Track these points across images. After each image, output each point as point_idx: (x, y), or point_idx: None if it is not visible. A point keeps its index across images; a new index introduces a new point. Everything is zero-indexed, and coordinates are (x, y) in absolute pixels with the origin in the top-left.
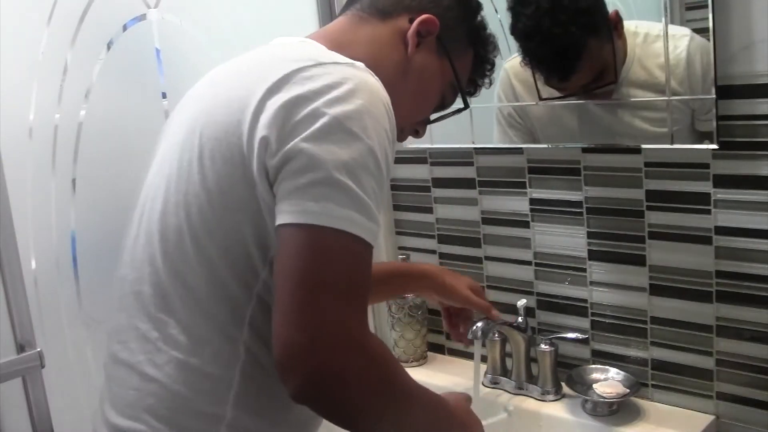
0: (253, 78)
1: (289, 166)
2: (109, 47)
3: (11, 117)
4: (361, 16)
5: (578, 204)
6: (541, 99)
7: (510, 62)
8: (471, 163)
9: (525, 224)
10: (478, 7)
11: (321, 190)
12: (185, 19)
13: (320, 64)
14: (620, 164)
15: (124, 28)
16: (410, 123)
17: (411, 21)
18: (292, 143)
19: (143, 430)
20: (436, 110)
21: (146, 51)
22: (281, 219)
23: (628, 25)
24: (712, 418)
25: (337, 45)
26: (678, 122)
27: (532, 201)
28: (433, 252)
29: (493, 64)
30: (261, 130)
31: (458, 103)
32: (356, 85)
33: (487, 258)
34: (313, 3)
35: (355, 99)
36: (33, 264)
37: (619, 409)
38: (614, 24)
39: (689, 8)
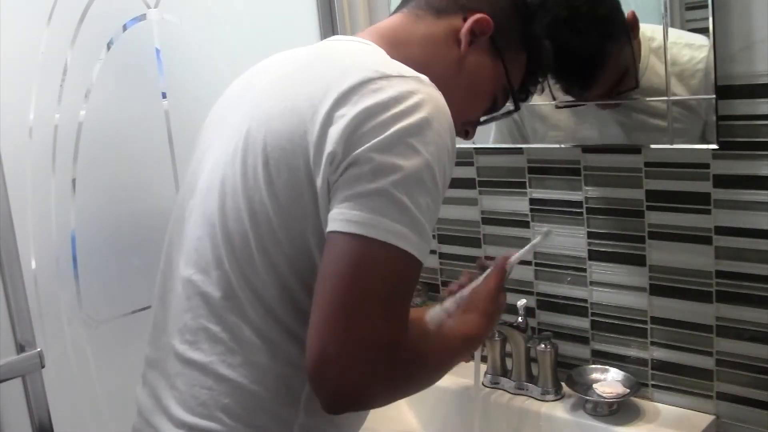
0: (318, 87)
1: (347, 174)
2: (109, 47)
3: (11, 117)
4: (417, 13)
5: (578, 204)
6: (558, 107)
7: None
8: (471, 163)
9: (525, 224)
10: (533, 11)
11: (375, 201)
12: (185, 19)
13: (386, 76)
14: (620, 164)
15: (124, 28)
16: (460, 122)
17: (465, 20)
18: (354, 153)
19: (219, 429)
20: (486, 112)
21: (146, 51)
22: (332, 225)
23: (644, 29)
24: (712, 418)
25: (392, 44)
26: (685, 132)
27: (532, 201)
28: (433, 252)
29: (546, 72)
30: (329, 145)
31: (507, 105)
32: (421, 99)
33: (487, 258)
34: (313, 3)
35: (419, 113)
36: (33, 264)
37: (619, 409)
38: (632, 26)
39: (689, 8)
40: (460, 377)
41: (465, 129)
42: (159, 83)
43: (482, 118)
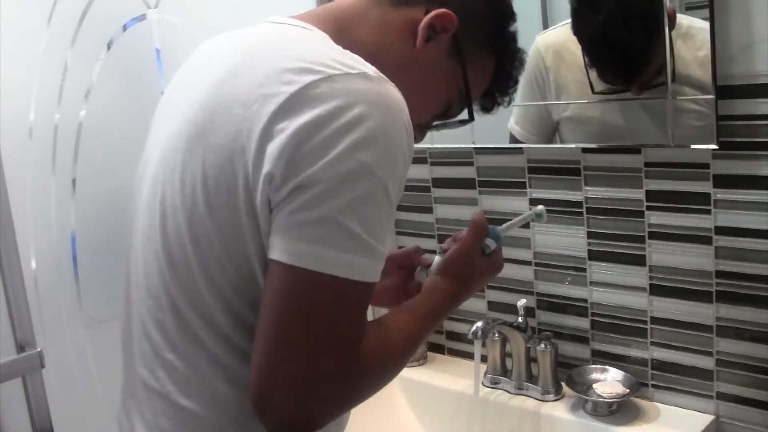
0: (254, 91)
1: (291, 199)
2: (109, 47)
3: (11, 117)
4: None
5: (578, 204)
6: (594, 92)
7: (541, 35)
8: (471, 163)
9: (525, 224)
10: (510, 16)
11: (321, 230)
12: (185, 19)
13: (329, 76)
14: (620, 164)
15: (124, 28)
16: None
17: (427, 13)
18: (298, 177)
19: None
20: (438, 117)
21: (146, 51)
22: (274, 254)
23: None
24: (712, 418)
25: (339, 29)
26: (702, 129)
27: (532, 201)
28: (433, 252)
29: (516, 82)
30: (267, 164)
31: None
32: (370, 104)
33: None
34: (313, 3)
35: (368, 121)
36: (33, 264)
37: (619, 409)
38: (671, 19)
39: (689, 8)
40: (460, 377)
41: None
42: (159, 83)
43: (435, 123)
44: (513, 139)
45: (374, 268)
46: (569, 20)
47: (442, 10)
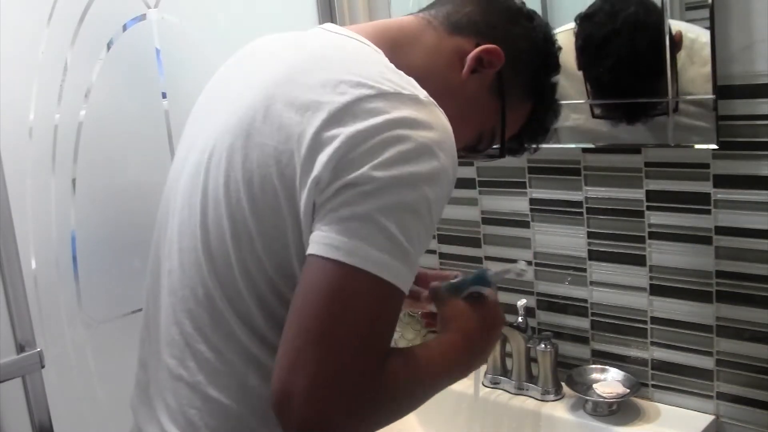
0: (308, 97)
1: (336, 197)
2: (109, 47)
3: (11, 117)
4: (430, 21)
5: (578, 204)
6: (594, 116)
7: None
8: (471, 163)
9: (525, 224)
10: (554, 67)
11: (359, 227)
12: (185, 19)
13: (382, 93)
14: (620, 164)
15: (124, 28)
16: None
17: (477, 45)
18: (344, 178)
19: None
20: (468, 148)
21: (146, 51)
22: (311, 248)
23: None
24: (712, 418)
25: (394, 47)
26: (704, 131)
27: (532, 201)
28: (433, 252)
29: (547, 131)
30: (317, 169)
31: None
32: (420, 124)
33: (487, 258)
34: (313, 3)
35: (418, 137)
36: (33, 264)
37: (619, 409)
38: (677, 43)
39: (689, 8)
40: None
41: None
42: (159, 83)
43: (463, 155)
44: None
45: (407, 277)
46: (569, 26)
47: (493, 45)
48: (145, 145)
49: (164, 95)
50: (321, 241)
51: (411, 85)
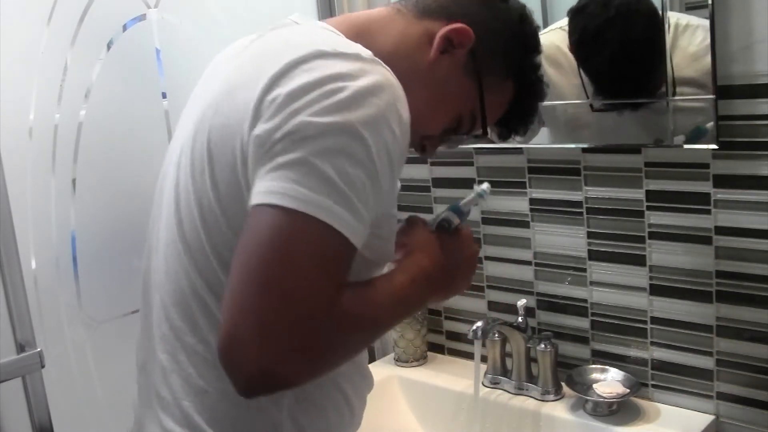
0: (255, 73)
1: (272, 149)
2: (109, 47)
3: (11, 117)
4: (399, 9)
5: (578, 204)
6: (594, 110)
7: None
8: (471, 163)
9: (525, 224)
10: (532, 46)
11: (293, 171)
12: (185, 19)
13: (323, 54)
14: (620, 164)
15: (124, 28)
16: (418, 134)
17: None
18: (280, 130)
19: None
20: (447, 132)
21: (146, 51)
22: (251, 200)
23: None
24: (712, 418)
25: (359, 32)
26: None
27: (532, 201)
28: None
29: (533, 114)
30: (258, 128)
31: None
32: (358, 76)
33: (487, 258)
34: (313, 3)
35: (354, 87)
36: (33, 264)
37: (619, 409)
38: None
39: (689, 8)
40: (460, 377)
41: (423, 143)
42: (159, 83)
43: (445, 140)
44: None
45: (351, 224)
46: (560, 24)
47: (460, 24)
48: (145, 145)
49: (164, 95)
50: (258, 191)
51: (355, 48)
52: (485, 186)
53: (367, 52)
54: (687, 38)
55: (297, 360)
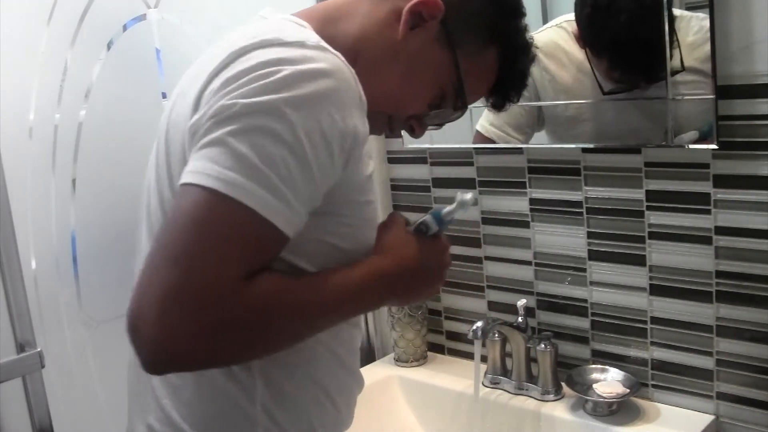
0: (203, 71)
1: (197, 134)
2: (109, 47)
3: (11, 117)
4: None
5: (578, 204)
6: (604, 93)
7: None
8: (471, 163)
9: (525, 224)
10: (513, 10)
11: (210, 150)
12: (185, 19)
13: (264, 44)
14: (620, 164)
15: (124, 28)
16: (400, 114)
17: None
18: (207, 115)
19: None
20: (432, 107)
21: (146, 51)
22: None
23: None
24: (712, 418)
25: (326, 20)
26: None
27: (532, 201)
28: None
29: (525, 77)
30: (193, 119)
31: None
32: (294, 61)
33: (487, 258)
34: (313, 3)
35: (285, 71)
36: (33, 264)
37: (619, 409)
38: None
39: (689, 8)
40: (460, 377)
41: (410, 124)
42: (159, 83)
43: (432, 120)
44: (483, 141)
45: (270, 203)
46: (557, 21)
47: None
48: (145, 145)
49: (164, 95)
50: (183, 172)
51: (302, 36)
52: (469, 196)
53: (313, 40)
54: (684, 29)
55: (193, 338)
